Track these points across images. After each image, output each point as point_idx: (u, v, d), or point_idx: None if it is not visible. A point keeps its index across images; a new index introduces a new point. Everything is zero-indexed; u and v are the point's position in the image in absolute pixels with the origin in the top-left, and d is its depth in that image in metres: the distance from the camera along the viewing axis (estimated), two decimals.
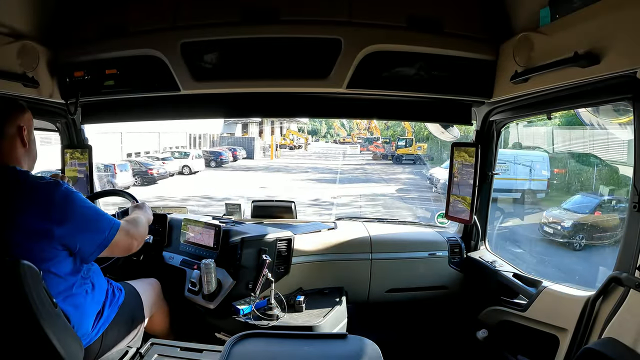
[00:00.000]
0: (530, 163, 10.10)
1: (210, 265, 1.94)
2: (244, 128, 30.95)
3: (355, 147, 33.32)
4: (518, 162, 10.21)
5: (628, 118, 1.48)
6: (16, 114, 1.37)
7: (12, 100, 1.44)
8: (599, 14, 1.20)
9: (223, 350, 1.17)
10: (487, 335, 2.02)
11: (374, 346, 1.22)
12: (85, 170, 2.28)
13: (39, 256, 1.22)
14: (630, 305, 1.25)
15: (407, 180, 18.54)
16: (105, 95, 1.84)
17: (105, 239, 1.34)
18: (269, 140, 30.34)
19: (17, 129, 1.35)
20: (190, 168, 19.28)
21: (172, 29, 1.68)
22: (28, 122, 1.41)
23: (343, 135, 43.13)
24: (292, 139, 35.01)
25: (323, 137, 49.14)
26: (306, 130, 39.71)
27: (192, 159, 19.59)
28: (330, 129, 48.70)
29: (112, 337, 1.52)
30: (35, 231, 1.23)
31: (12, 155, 1.34)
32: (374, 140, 30.68)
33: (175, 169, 18.47)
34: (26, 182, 1.26)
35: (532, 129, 11.04)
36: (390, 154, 25.60)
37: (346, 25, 1.64)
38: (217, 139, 28.82)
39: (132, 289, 1.69)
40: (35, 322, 1.13)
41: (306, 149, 34.27)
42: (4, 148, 1.33)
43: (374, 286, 2.28)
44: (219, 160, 22.22)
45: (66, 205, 1.26)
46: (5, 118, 1.35)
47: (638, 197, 1.27)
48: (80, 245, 1.30)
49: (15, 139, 1.35)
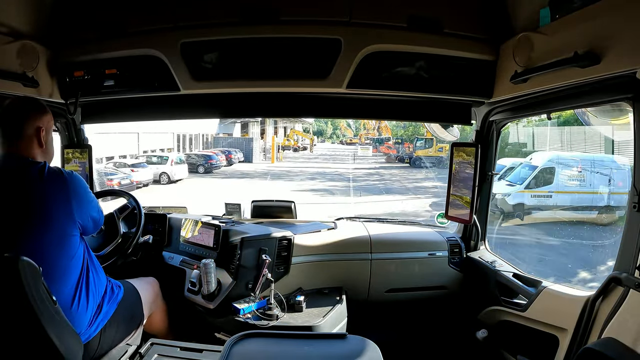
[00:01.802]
0: (610, 171, 7.88)
1: (210, 265, 1.94)
2: (243, 128, 28.22)
3: (366, 149, 30.50)
4: (595, 170, 8.14)
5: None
6: (35, 115, 1.43)
7: (33, 100, 1.50)
8: (599, 14, 1.20)
9: (223, 350, 1.17)
10: (486, 335, 2.02)
11: (373, 346, 1.22)
12: (85, 170, 2.28)
13: (59, 233, 1.37)
14: (630, 305, 1.25)
15: (436, 189, 14.75)
16: (105, 95, 1.84)
17: (100, 218, 1.55)
18: (271, 141, 27.78)
19: (36, 130, 1.42)
20: (169, 176, 15.95)
21: (172, 29, 1.68)
22: (47, 123, 1.47)
23: (350, 135, 41.90)
24: (296, 139, 32.92)
25: (329, 138, 48.20)
26: (311, 131, 37.98)
27: (170, 165, 16.13)
28: (336, 130, 47.78)
29: (111, 334, 1.53)
30: (60, 210, 1.37)
31: (29, 153, 1.41)
32: (384, 141, 29.01)
33: (148, 178, 15.04)
34: (43, 170, 1.38)
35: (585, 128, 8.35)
36: (407, 156, 23.48)
37: (346, 25, 1.64)
38: (212, 140, 26.06)
39: (131, 287, 1.70)
40: (35, 318, 1.14)
41: (311, 151, 32.47)
42: (21, 147, 1.40)
43: (374, 286, 2.28)
44: (208, 166, 19.04)
45: (80, 188, 1.44)
46: (24, 118, 1.41)
47: (638, 197, 1.27)
48: (86, 221, 1.46)
49: (32, 139, 1.42)
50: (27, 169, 1.37)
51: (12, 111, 1.41)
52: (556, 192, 8.36)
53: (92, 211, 1.49)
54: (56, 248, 1.37)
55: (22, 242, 1.31)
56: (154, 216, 2.38)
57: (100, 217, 1.56)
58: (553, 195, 8.38)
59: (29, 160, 1.39)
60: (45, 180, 1.36)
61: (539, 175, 8.55)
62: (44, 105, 1.48)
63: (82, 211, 1.43)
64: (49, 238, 1.35)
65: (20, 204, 1.33)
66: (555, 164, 8.64)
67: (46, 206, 1.35)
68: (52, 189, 1.37)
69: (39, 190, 1.35)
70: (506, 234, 7.81)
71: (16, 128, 1.39)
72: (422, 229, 2.63)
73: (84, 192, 1.46)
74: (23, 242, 1.31)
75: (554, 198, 8.38)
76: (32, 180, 1.35)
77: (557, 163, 8.68)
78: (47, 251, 1.34)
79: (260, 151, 25.79)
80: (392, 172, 20.77)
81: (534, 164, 8.73)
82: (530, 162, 8.95)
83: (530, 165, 8.78)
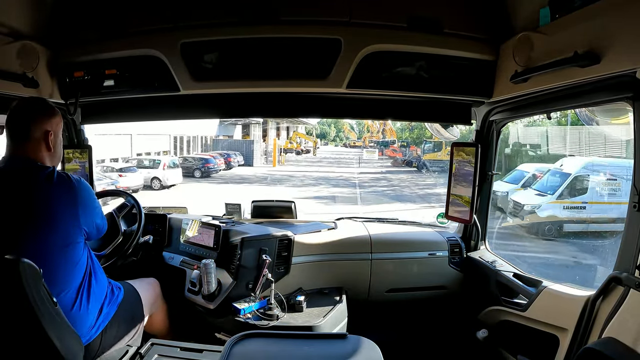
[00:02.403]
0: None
1: (210, 265, 1.94)
2: (244, 129, 27.43)
3: (372, 152, 29.19)
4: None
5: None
6: (43, 117, 1.40)
7: (42, 102, 1.46)
8: (599, 14, 1.20)
9: (223, 350, 1.17)
10: (487, 335, 2.02)
11: (374, 346, 1.22)
12: (85, 170, 2.28)
13: (66, 239, 1.37)
14: (630, 305, 1.25)
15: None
16: (105, 95, 1.84)
17: (104, 225, 1.57)
18: (273, 143, 26.60)
19: (44, 133, 1.40)
20: (160, 181, 14.97)
21: (172, 29, 1.68)
22: (56, 126, 1.44)
23: (353, 138, 41.32)
24: (299, 142, 32.32)
25: (332, 141, 47.51)
26: (314, 133, 37.18)
27: (163, 169, 15.07)
28: (339, 132, 47.17)
29: (111, 336, 1.52)
30: (67, 216, 1.37)
31: (37, 157, 1.39)
32: (389, 144, 28.25)
33: (138, 183, 13.97)
34: (52, 174, 1.37)
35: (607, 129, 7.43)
36: (415, 159, 22.92)
37: (346, 26, 1.64)
38: (211, 142, 25.05)
39: (131, 288, 1.70)
40: (36, 320, 1.14)
41: (315, 154, 31.51)
42: (28, 149, 1.37)
43: (374, 286, 2.28)
44: (205, 170, 18.01)
45: (87, 195, 1.45)
46: (32, 120, 1.38)
47: (638, 197, 1.27)
48: (91, 228, 1.47)
49: (40, 142, 1.39)
50: (34, 172, 1.35)
51: (19, 113, 1.39)
52: (590, 203, 7.49)
53: (97, 218, 1.50)
54: (60, 253, 1.36)
55: (25, 244, 1.30)
56: (154, 216, 2.38)
57: (104, 223, 1.56)
58: (587, 206, 7.49)
59: (36, 163, 1.38)
60: (54, 185, 1.35)
61: (572, 183, 7.64)
62: (53, 107, 1.46)
63: (87, 218, 1.43)
64: (53, 243, 1.34)
65: (26, 207, 1.32)
66: (590, 172, 7.68)
67: (53, 211, 1.35)
68: (59, 195, 1.36)
69: (46, 194, 1.34)
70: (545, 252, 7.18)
71: (23, 130, 1.37)
72: (422, 229, 2.63)
73: (90, 200, 1.46)
74: (26, 245, 1.31)
75: (588, 209, 7.50)
76: (39, 184, 1.34)
77: (592, 170, 7.72)
78: (50, 256, 1.33)
79: (261, 154, 24.91)
80: (400, 177, 20.03)
81: (565, 171, 7.79)
82: (560, 169, 8.01)
83: (561, 173, 7.87)
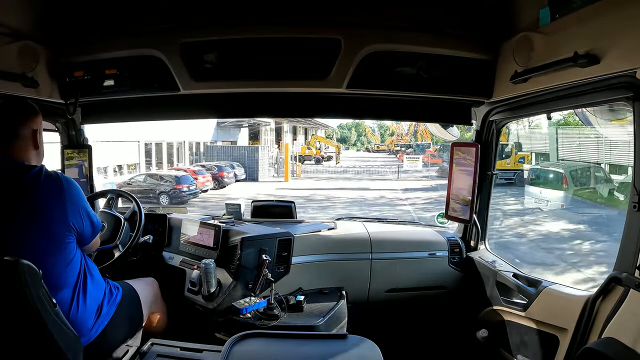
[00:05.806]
0: None
1: (210, 265, 1.94)
2: (251, 133, 21.37)
3: (414, 160, 21.27)
4: None
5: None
6: (31, 117, 1.43)
7: (25, 102, 1.49)
8: (599, 14, 1.20)
9: (223, 350, 1.17)
10: (487, 335, 2.02)
11: (373, 346, 1.22)
12: (85, 170, 2.28)
13: (56, 239, 1.37)
14: (630, 305, 1.25)
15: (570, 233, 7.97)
16: (105, 95, 1.84)
17: (97, 229, 1.55)
18: (290, 149, 19.92)
19: (32, 132, 1.42)
20: None
21: (172, 29, 1.68)
22: (40, 124, 1.47)
23: (376, 142, 38.06)
24: (318, 147, 26.20)
25: (353, 145, 44.10)
26: (335, 138, 31.44)
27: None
28: (360, 136, 44.37)
29: (111, 336, 1.52)
30: (56, 213, 1.36)
31: (24, 156, 1.40)
32: (425, 148, 24.17)
33: None
34: (40, 173, 1.37)
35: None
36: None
37: (346, 25, 1.64)
38: (204, 150, 19.67)
39: (130, 288, 1.70)
40: (35, 321, 1.14)
41: (338, 162, 25.19)
42: (16, 148, 1.39)
43: (374, 286, 2.28)
44: (175, 194, 12.83)
45: (76, 193, 1.44)
46: (21, 120, 1.41)
47: (638, 197, 1.27)
48: (82, 228, 1.45)
49: (29, 141, 1.41)
50: (22, 172, 1.35)
51: (5, 113, 1.39)
52: None
53: (86, 216, 1.47)
54: (53, 253, 1.36)
55: (16, 246, 1.30)
56: (154, 216, 2.38)
57: (96, 222, 1.54)
58: None
59: (23, 163, 1.38)
60: (42, 184, 1.35)
61: None
62: (35, 106, 1.47)
63: (76, 216, 1.42)
64: (45, 243, 1.34)
65: (14, 207, 1.32)
66: None
67: (42, 211, 1.34)
68: (48, 193, 1.36)
69: (35, 193, 1.34)
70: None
71: (11, 130, 1.38)
72: (422, 228, 2.63)
73: (79, 197, 1.45)
74: (17, 246, 1.30)
75: None
76: (28, 183, 1.34)
77: None
78: (43, 256, 1.32)
79: (269, 164, 18.97)
80: None
81: None
82: None
83: None
